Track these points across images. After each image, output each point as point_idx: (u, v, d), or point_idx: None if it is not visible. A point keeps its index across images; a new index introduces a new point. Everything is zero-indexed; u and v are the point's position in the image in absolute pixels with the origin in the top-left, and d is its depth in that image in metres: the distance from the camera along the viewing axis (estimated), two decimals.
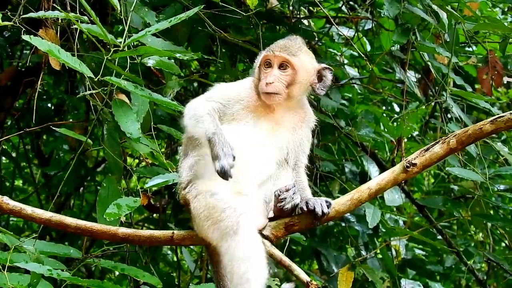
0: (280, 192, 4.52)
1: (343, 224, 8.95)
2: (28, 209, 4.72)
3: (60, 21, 6.23)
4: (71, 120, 9.38)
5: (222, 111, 4.68)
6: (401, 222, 9.34)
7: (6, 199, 4.71)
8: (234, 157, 4.36)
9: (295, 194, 4.52)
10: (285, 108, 4.78)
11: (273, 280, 5.90)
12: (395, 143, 8.55)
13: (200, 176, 4.66)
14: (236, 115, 4.69)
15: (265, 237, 4.52)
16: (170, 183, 5.67)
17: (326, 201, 4.51)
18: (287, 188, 4.53)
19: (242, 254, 4.23)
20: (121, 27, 7.95)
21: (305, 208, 4.49)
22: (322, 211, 4.47)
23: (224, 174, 4.32)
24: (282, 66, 4.70)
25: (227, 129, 4.61)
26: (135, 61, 5.91)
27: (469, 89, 8.09)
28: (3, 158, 10.40)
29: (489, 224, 8.98)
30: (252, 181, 4.66)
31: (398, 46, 7.72)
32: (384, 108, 10.10)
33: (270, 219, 4.61)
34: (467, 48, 8.73)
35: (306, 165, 4.88)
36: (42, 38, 5.42)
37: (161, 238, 4.73)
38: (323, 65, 4.86)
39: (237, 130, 4.65)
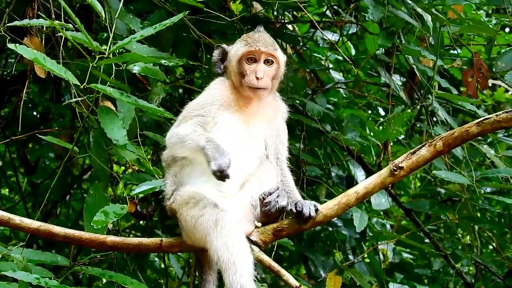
0: (264, 195, 4.53)
1: (330, 229, 8.94)
2: (17, 219, 4.73)
3: (45, 29, 6.22)
4: (56, 128, 9.34)
5: (203, 122, 4.68)
6: (388, 226, 9.36)
7: None
8: (229, 159, 4.35)
9: (279, 197, 4.52)
10: (259, 100, 4.80)
11: (261, 286, 5.88)
12: (381, 147, 8.56)
13: (184, 183, 4.68)
14: (214, 116, 4.69)
15: (253, 242, 4.52)
16: (156, 190, 5.66)
17: (314, 205, 4.51)
18: (271, 191, 4.53)
19: (224, 242, 4.23)
20: (105, 34, 7.92)
21: (294, 210, 4.49)
22: (309, 213, 4.46)
23: (221, 172, 4.30)
24: (268, 61, 4.74)
25: (214, 135, 4.61)
26: (121, 68, 5.90)
27: (455, 91, 8.09)
28: None
29: (476, 227, 8.99)
30: (235, 181, 4.63)
31: (383, 49, 7.73)
32: (369, 112, 10.10)
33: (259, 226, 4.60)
34: (452, 51, 8.75)
35: (287, 157, 4.88)
36: (27, 46, 5.39)
37: (150, 245, 4.75)
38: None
39: (219, 131, 4.66)
